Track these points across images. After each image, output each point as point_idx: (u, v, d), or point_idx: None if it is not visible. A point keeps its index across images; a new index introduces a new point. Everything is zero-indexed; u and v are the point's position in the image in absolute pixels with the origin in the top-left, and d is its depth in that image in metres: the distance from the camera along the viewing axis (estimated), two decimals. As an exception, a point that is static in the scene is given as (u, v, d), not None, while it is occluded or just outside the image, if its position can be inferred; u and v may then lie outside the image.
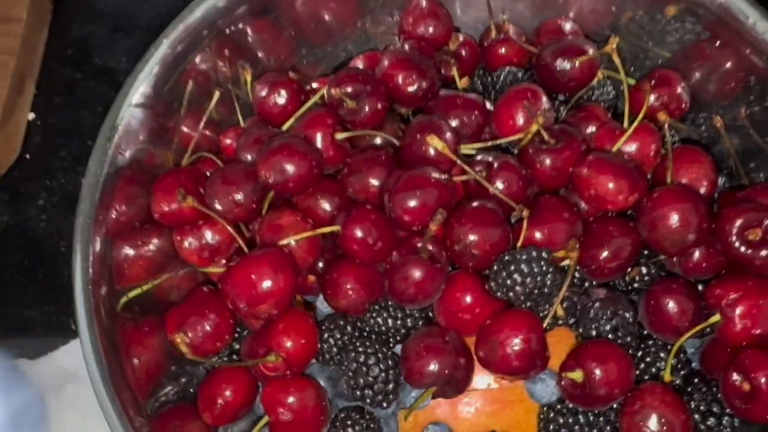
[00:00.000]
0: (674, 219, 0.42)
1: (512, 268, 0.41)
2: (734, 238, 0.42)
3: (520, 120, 0.47)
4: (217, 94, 0.51)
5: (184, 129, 0.52)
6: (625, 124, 0.48)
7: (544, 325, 0.43)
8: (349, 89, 0.47)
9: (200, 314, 0.45)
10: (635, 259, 0.46)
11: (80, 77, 0.70)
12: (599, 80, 0.52)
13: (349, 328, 0.45)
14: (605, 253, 0.44)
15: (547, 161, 0.45)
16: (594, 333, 0.45)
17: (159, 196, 0.47)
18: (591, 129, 0.49)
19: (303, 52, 0.57)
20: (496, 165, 0.45)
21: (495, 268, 0.43)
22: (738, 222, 0.42)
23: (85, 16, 0.73)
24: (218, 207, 0.46)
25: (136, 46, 0.69)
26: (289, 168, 0.44)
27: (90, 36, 0.72)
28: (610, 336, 0.45)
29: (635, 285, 0.47)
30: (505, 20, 0.57)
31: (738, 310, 0.40)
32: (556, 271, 0.42)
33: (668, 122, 0.47)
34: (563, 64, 0.50)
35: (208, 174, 0.49)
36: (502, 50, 0.55)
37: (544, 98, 0.48)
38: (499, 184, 0.44)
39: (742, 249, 0.42)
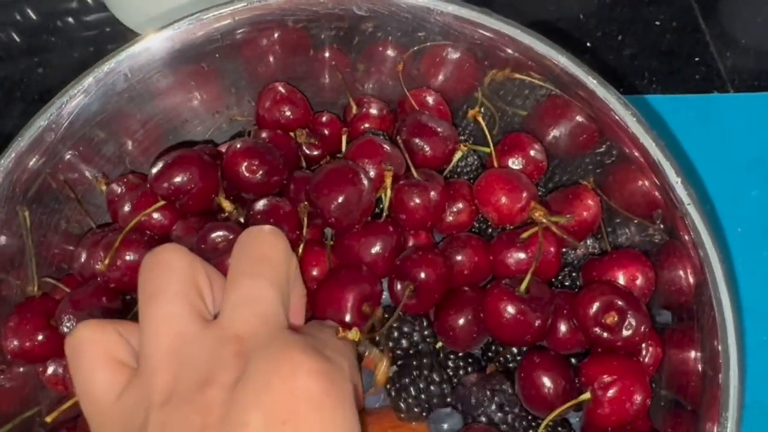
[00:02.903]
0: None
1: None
2: (592, 323, 0.42)
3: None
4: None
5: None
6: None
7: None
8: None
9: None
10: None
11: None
12: (463, 153, 0.52)
13: None
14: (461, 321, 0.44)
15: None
16: (484, 419, 0.45)
17: (9, 335, 0.45)
18: (459, 206, 0.49)
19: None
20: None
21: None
22: (593, 307, 0.42)
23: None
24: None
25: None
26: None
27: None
28: (498, 414, 0.45)
29: (510, 365, 0.47)
30: (365, 94, 0.57)
31: (608, 392, 0.40)
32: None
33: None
34: (420, 143, 0.50)
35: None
36: (365, 126, 0.54)
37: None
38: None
39: (604, 335, 0.42)
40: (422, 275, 0.45)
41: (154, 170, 0.45)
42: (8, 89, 0.74)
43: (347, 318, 0.43)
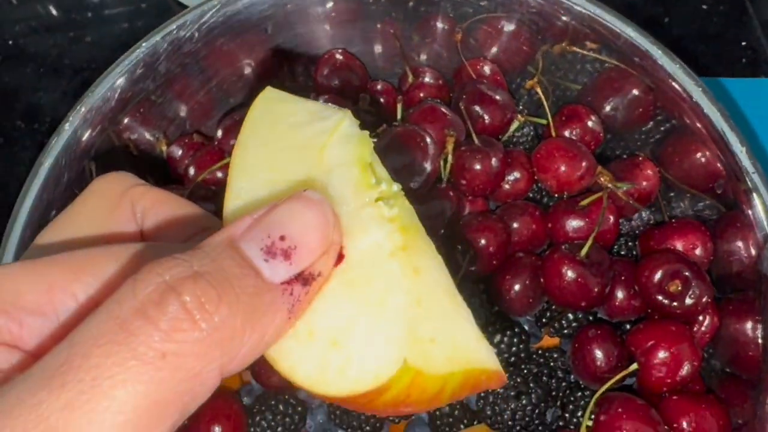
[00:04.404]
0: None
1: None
2: (655, 290, 0.42)
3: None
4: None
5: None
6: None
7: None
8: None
9: None
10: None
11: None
12: (520, 123, 0.52)
13: (281, 407, 0.44)
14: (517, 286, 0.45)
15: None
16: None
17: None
18: (516, 174, 0.50)
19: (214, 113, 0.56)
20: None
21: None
22: (657, 274, 0.42)
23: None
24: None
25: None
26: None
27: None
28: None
29: (564, 331, 0.48)
30: (421, 64, 0.57)
31: (654, 359, 0.41)
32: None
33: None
34: (480, 111, 0.50)
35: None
36: (420, 95, 0.55)
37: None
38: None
39: (665, 300, 0.42)
40: (482, 241, 0.45)
41: (221, 129, 0.46)
42: (45, 63, 0.74)
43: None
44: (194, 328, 0.17)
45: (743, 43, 0.73)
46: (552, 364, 0.47)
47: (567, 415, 0.45)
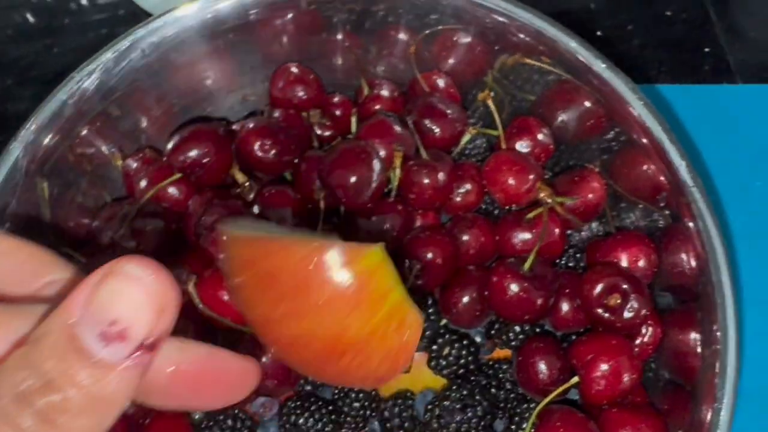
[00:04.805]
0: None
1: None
2: (595, 304, 0.43)
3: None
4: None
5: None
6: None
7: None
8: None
9: None
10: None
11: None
12: (472, 135, 0.53)
13: (230, 422, 0.45)
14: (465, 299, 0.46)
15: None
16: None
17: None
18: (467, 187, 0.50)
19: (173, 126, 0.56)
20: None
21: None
22: (598, 288, 0.43)
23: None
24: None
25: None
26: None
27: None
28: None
29: (512, 343, 0.48)
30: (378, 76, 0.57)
31: (593, 372, 0.41)
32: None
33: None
34: (429, 125, 0.51)
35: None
36: (376, 107, 0.55)
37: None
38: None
39: (605, 314, 0.43)
40: (429, 255, 0.46)
41: (171, 143, 0.46)
42: (22, 70, 0.75)
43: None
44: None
45: (706, 50, 0.73)
46: (501, 375, 0.48)
47: (514, 426, 0.45)
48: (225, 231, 0.25)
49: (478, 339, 0.49)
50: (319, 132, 0.55)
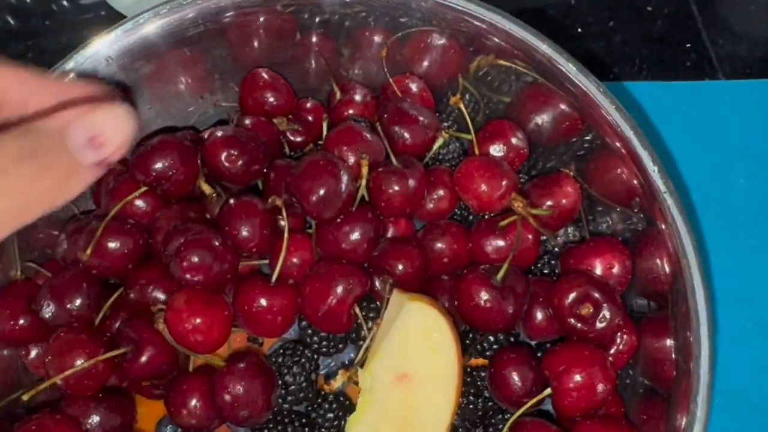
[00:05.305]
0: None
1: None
2: (567, 313, 0.42)
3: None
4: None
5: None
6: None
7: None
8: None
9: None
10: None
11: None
12: (445, 140, 0.52)
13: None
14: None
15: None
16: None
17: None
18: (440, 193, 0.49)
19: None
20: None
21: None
22: (569, 297, 0.42)
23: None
24: (54, 321, 0.45)
25: None
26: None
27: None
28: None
29: (487, 353, 0.47)
30: (350, 80, 0.56)
31: (566, 383, 0.40)
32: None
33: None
34: (400, 131, 0.49)
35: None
36: (348, 112, 0.54)
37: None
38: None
39: (578, 325, 0.42)
40: (399, 268, 0.45)
41: (135, 156, 0.45)
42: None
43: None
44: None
45: (688, 46, 0.72)
46: (479, 383, 0.47)
47: (489, 436, 0.45)
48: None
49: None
50: (291, 138, 0.54)
